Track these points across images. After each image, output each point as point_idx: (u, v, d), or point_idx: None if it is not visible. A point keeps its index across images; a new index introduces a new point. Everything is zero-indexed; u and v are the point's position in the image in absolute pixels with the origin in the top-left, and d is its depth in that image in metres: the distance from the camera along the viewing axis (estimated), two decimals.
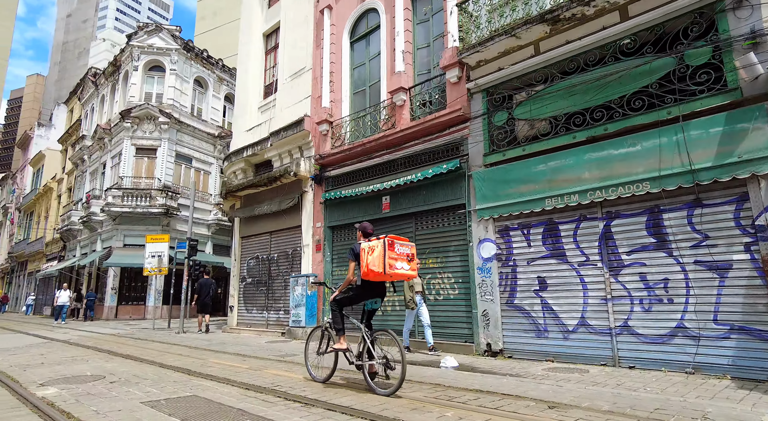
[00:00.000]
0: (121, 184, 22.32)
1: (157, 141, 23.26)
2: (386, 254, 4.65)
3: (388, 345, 4.87)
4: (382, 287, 5.12)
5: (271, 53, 14.60)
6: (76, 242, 26.90)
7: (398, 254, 4.78)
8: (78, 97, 32.11)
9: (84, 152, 27.83)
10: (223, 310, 25.49)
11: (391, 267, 4.65)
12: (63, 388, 4.82)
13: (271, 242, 12.72)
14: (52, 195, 33.44)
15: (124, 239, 22.40)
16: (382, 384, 4.69)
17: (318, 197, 11.22)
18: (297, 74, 12.48)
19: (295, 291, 10.69)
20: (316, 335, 5.68)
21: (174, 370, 6.04)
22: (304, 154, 11.83)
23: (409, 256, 4.91)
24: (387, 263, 4.62)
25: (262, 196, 12.92)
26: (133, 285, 22.89)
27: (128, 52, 24.35)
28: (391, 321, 9.16)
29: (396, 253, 4.76)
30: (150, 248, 15.15)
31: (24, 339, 11.26)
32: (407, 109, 9.43)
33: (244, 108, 14.55)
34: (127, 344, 9.74)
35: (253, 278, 13.08)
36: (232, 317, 13.37)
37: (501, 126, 7.84)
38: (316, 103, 11.66)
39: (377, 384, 4.67)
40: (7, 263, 42.18)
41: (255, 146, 13.15)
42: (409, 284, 7.75)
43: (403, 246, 4.88)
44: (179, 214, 23.06)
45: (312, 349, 5.59)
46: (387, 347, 4.87)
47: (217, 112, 26.76)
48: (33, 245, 34.63)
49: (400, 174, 9.34)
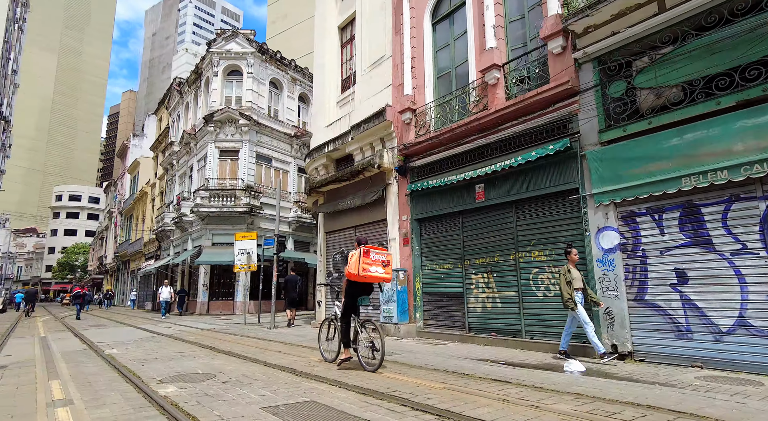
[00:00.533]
0: (207, 185, 23.51)
1: (238, 143, 24.21)
2: (361, 260, 5.76)
3: (374, 332, 5.90)
4: (369, 286, 6.25)
5: (347, 46, 14.39)
6: (170, 241, 28.89)
7: (373, 260, 5.87)
8: (165, 107, 34.48)
9: (173, 157, 29.78)
10: (306, 304, 26.18)
11: (365, 270, 5.74)
12: (181, 386, 4.76)
13: (355, 236, 12.50)
14: (147, 199, 36.30)
15: (212, 237, 23.61)
16: (369, 363, 5.79)
17: (403, 189, 10.79)
18: (376, 64, 12.11)
19: (384, 286, 10.36)
20: (325, 325, 6.89)
21: (280, 369, 5.87)
22: (386, 145, 11.45)
23: (384, 262, 5.98)
24: (361, 266, 5.72)
25: (345, 190, 12.76)
26: (222, 281, 24.08)
27: (208, 58, 25.55)
28: (492, 320, 8.50)
29: (371, 259, 5.84)
30: (239, 246, 15.65)
31: (135, 333, 12.00)
32: (501, 87, 8.67)
33: (322, 104, 14.49)
34: (226, 340, 9.96)
35: (339, 272, 12.98)
36: (321, 313, 13.39)
37: (619, 98, 6.86)
38: (398, 91, 11.21)
39: (366, 363, 5.81)
40: (114, 262, 46.66)
41: (335, 141, 13.01)
42: (566, 279, 6.32)
43: (378, 254, 5.98)
44: (262, 212, 23.88)
45: (323, 336, 6.82)
46: (373, 333, 5.93)
47: (292, 112, 27.36)
48: (133, 245, 37.89)
49: (495, 159, 8.62)
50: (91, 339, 10.16)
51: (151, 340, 10.05)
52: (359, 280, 5.89)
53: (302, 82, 28.00)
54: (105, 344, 9.14)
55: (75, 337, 11.05)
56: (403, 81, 10.97)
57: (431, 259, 10.04)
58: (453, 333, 9.15)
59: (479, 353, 7.33)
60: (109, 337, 10.87)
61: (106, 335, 11.32)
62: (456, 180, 9.06)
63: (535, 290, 7.83)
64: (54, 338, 10.76)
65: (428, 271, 10.07)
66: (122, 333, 12.01)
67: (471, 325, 8.93)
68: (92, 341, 9.89)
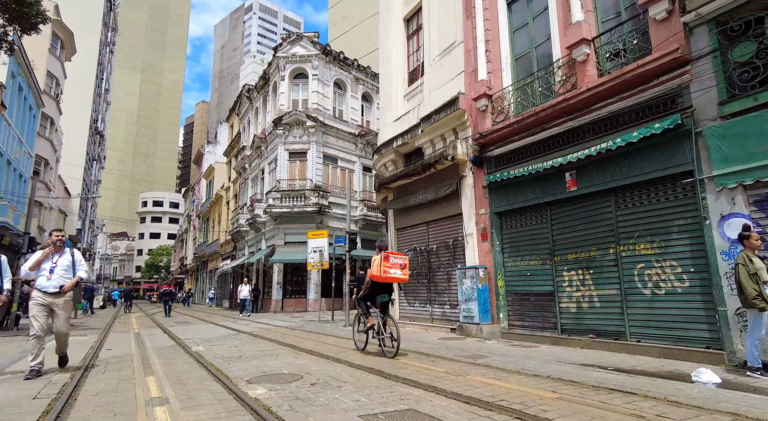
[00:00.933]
0: (278, 187, 24.16)
1: (306, 144, 24.66)
2: (382, 264, 6.81)
3: (393, 326, 6.91)
4: (389, 286, 7.31)
5: (413, 37, 13.99)
6: (244, 242, 30.12)
7: (392, 263, 6.92)
8: (236, 113, 36.07)
9: (245, 161, 31.03)
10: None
11: (385, 272, 6.81)
12: (270, 388, 4.60)
13: (428, 232, 12.08)
14: (222, 202, 38.21)
15: (284, 237, 24.24)
16: (389, 351, 6.83)
17: (479, 181, 10.18)
18: (446, 52, 11.58)
19: (463, 284, 9.83)
20: (357, 320, 7.99)
21: (367, 371, 5.58)
22: (459, 136, 10.89)
23: (402, 265, 7.04)
24: (382, 269, 6.80)
25: (416, 185, 12.36)
26: (295, 279, 24.67)
27: (275, 63, 26.28)
28: (589, 321, 7.70)
29: (390, 263, 6.90)
30: (312, 244, 15.79)
31: (217, 330, 12.40)
32: (592, 63, 7.83)
33: (389, 98, 14.19)
34: (305, 338, 9.93)
35: (413, 270, 12.59)
36: (393, 310, 13.08)
37: (746, 62, 5.85)
38: (471, 78, 10.62)
39: (387, 351, 6.87)
40: (193, 262, 49.77)
41: (404, 135, 12.64)
42: (748, 271, 5.06)
43: (396, 258, 7.05)
44: (330, 211, 24.15)
45: (355, 329, 7.95)
46: (392, 327, 6.93)
47: (356, 111, 27.45)
48: (210, 246, 40.08)
49: (587, 143, 7.79)
50: (178, 336, 10.56)
51: (233, 337, 10.26)
52: (380, 280, 6.94)
53: (365, 81, 28.01)
54: (191, 341, 9.42)
55: (164, 333, 11.58)
56: (476, 66, 10.36)
57: (514, 255, 9.35)
58: (543, 335, 8.43)
59: (578, 357, 6.61)
60: (193, 334, 11.27)
61: (191, 332, 11.77)
62: (541, 168, 8.33)
63: (642, 287, 6.94)
64: (146, 334, 11.34)
65: (511, 268, 9.39)
66: (205, 330, 12.45)
67: (564, 326, 8.16)
68: (179, 337, 10.27)
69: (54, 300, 5.56)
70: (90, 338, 10.54)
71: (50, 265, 5.67)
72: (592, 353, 6.96)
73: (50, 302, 5.54)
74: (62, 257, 5.78)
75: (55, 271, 5.63)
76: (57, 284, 5.57)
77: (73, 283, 5.72)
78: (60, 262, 5.73)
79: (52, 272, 5.61)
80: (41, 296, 5.51)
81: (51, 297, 5.54)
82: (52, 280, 5.58)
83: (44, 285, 5.55)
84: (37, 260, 5.66)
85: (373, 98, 28.59)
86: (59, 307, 5.58)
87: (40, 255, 5.72)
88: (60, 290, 5.57)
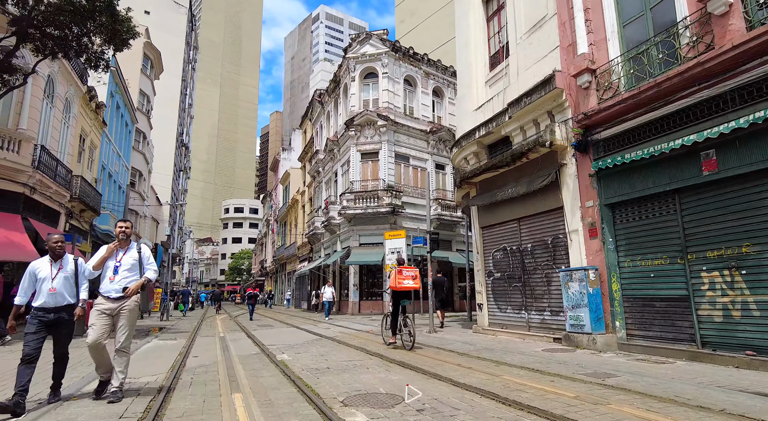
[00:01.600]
0: (352, 188, 23.95)
1: (377, 144, 24.24)
2: (396, 277, 8.69)
3: (410, 326, 8.48)
4: (407, 293, 8.87)
5: (493, 18, 12.87)
6: (320, 244, 30.39)
7: (405, 275, 8.71)
8: (309, 119, 36.71)
9: (319, 165, 31.36)
10: (453, 305, 25.07)
11: (400, 283, 8.63)
12: (370, 415, 3.90)
13: (520, 229, 10.90)
14: (298, 206, 39.11)
15: (359, 238, 23.97)
16: (407, 344, 8.40)
17: (584, 169, 8.88)
18: (536, 27, 10.38)
19: (569, 288, 8.59)
20: (385, 319, 9.68)
21: (476, 392, 4.71)
22: (555, 119, 9.65)
23: (413, 276, 8.77)
24: (397, 280, 8.65)
25: (503, 178, 11.23)
26: (370, 281, 24.31)
27: (345, 65, 26.18)
28: (744, 333, 6.20)
29: (403, 275, 8.70)
30: (389, 245, 15.19)
31: (299, 335, 12.13)
32: (737, 15, 6.34)
33: (469, 86, 13.17)
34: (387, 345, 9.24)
35: (502, 272, 11.49)
36: (482, 316, 12.04)
37: None
38: (568, 53, 9.34)
39: (405, 343, 8.47)
40: (272, 265, 51.65)
41: (488, 124, 11.58)
42: None
43: (408, 271, 8.78)
44: (404, 211, 23.52)
45: (383, 327, 9.79)
46: (410, 326, 8.47)
47: (427, 107, 26.60)
48: (288, 249, 41.19)
49: (730, 114, 6.31)
50: (262, 341, 10.35)
51: (316, 343, 9.83)
52: (398, 289, 8.67)
53: (435, 75, 27.08)
54: (275, 348, 9.10)
55: (248, 338, 11.49)
56: (574, 40, 9.09)
57: (633, 253, 7.97)
58: (675, 348, 7.01)
59: (741, 379, 5.23)
60: (277, 339, 11.04)
61: (274, 337, 11.58)
62: (668, 149, 6.94)
63: None
64: (231, 339, 11.30)
65: (629, 268, 8.01)
66: (287, 335, 12.23)
67: (705, 338, 6.70)
68: (263, 343, 10.04)
69: (117, 305, 4.68)
70: (179, 342, 10.65)
71: (114, 263, 4.81)
72: (756, 376, 5.52)
73: (113, 309, 4.66)
74: (127, 254, 4.89)
75: (120, 271, 4.78)
76: (120, 287, 4.72)
77: (139, 285, 4.80)
78: (125, 260, 4.84)
79: (116, 272, 4.77)
80: (103, 303, 4.66)
81: (114, 302, 4.68)
82: (116, 281, 4.73)
83: (107, 289, 4.70)
84: (102, 257, 4.78)
85: (445, 93, 27.56)
86: (122, 315, 4.67)
87: (104, 252, 4.83)
88: (123, 294, 4.70)
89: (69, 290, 4.66)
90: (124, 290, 4.71)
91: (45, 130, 16.12)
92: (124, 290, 4.71)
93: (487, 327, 11.79)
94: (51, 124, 16.54)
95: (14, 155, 13.82)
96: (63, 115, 17.76)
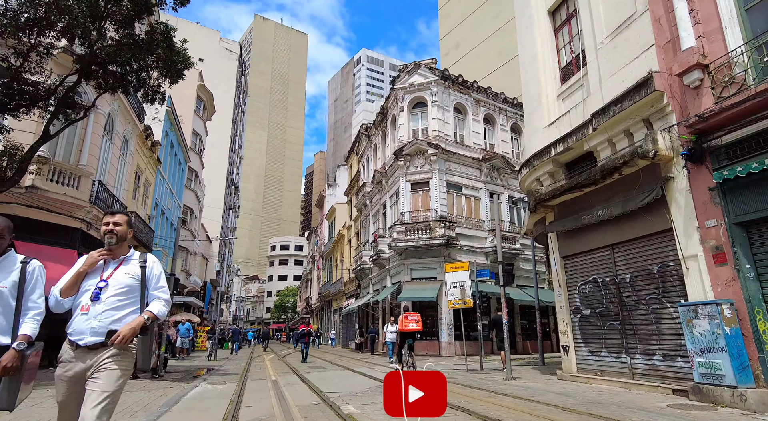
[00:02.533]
0: (402, 219, 22.93)
1: (428, 174, 23.30)
2: (402, 321, 11.63)
3: (413, 360, 11.40)
4: (411, 334, 11.58)
5: (562, 29, 11.87)
6: (368, 279, 29.23)
7: (410, 320, 11.60)
8: (355, 153, 36.58)
9: (366, 198, 30.73)
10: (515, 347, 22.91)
11: (406, 326, 11.48)
12: None
13: (614, 257, 9.35)
14: (344, 241, 38.42)
15: (411, 272, 22.66)
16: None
17: (700, 181, 7.41)
18: (621, 28, 9.24)
19: (694, 328, 6.94)
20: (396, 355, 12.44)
21: None
22: (654, 126, 8.30)
23: (416, 320, 11.67)
24: (403, 324, 11.56)
25: (589, 199, 9.83)
26: (425, 319, 22.70)
27: (393, 96, 25.83)
28: None
29: (408, 319, 11.60)
30: (450, 278, 13.85)
31: (356, 379, 10.87)
32: None
33: (538, 101, 12.05)
34: (465, 395, 7.83)
35: (592, 308, 9.86)
36: (569, 361, 10.34)
37: None
38: (666, 50, 8.10)
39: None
40: (318, 302, 50.78)
41: (566, 140, 10.33)
42: None
43: (412, 315, 11.76)
44: (458, 243, 22.14)
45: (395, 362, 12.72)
46: (413, 361, 11.40)
47: (478, 135, 25.59)
48: (335, 285, 40.25)
49: None
50: (319, 387, 9.15)
51: (379, 391, 8.53)
52: (404, 331, 11.46)
53: (486, 102, 26.20)
54: (336, 396, 7.89)
55: (302, 382, 10.35)
56: (675, 34, 7.86)
57: None
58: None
59: None
60: (335, 385, 9.82)
61: (331, 382, 10.37)
62: None
63: None
64: (284, 383, 10.20)
65: None
66: (345, 380, 10.99)
67: None
68: (321, 389, 8.85)
69: (92, 361, 2.64)
70: (228, 386, 9.63)
71: (96, 283, 2.80)
72: None
73: (84, 370, 2.64)
74: (121, 270, 2.90)
75: (103, 297, 2.75)
76: (102, 325, 2.68)
77: (138, 325, 2.71)
78: (116, 278, 2.85)
79: (98, 298, 2.74)
80: (69, 358, 2.68)
81: (87, 354, 2.66)
82: (94, 315, 2.69)
83: (78, 328, 2.69)
84: (77, 272, 2.83)
85: (496, 120, 26.54)
86: (99, 376, 2.60)
87: (81, 265, 2.87)
88: (104, 341, 2.66)
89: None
90: (109, 334, 2.67)
91: (103, 167, 16.31)
92: (110, 335, 2.66)
93: (576, 373, 10.05)
94: (109, 161, 16.76)
95: (74, 191, 13.84)
96: (120, 152, 18.07)
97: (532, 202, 11.35)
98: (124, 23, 11.55)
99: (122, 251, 2.99)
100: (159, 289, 2.97)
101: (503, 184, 25.33)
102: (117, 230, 2.93)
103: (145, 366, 2.84)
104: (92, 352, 2.66)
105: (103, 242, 2.93)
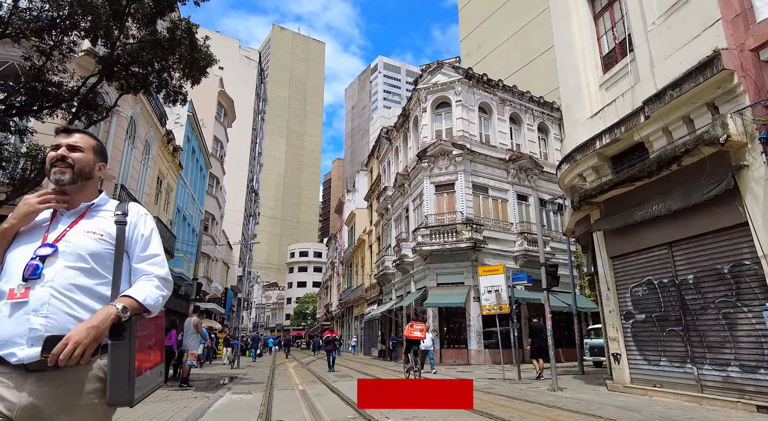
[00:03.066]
0: (426, 222, 22.22)
1: (453, 175, 22.58)
2: (408, 329, 12.81)
3: (420, 366, 12.61)
4: (416, 341, 12.63)
5: (603, 14, 11.13)
6: (391, 285, 28.52)
7: (415, 328, 12.68)
8: (375, 156, 36.07)
9: (387, 202, 30.11)
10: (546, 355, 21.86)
11: (411, 334, 12.58)
12: None
13: (673, 256, 8.49)
14: (364, 246, 37.83)
15: (436, 277, 21.88)
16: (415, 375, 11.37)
17: None
18: (677, 5, 8.44)
19: None
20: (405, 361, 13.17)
21: None
22: (721, 110, 7.49)
23: (421, 329, 12.77)
24: (408, 332, 12.72)
25: (641, 193, 9.00)
26: (451, 326, 21.90)
27: (415, 97, 25.27)
28: None
29: (414, 328, 12.69)
30: (484, 282, 13.08)
31: None
32: None
33: (577, 92, 11.29)
34: (508, 407, 7.10)
35: (647, 313, 8.99)
36: (621, 370, 9.46)
37: None
38: (734, 25, 7.30)
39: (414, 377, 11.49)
40: (338, 308, 50.20)
41: (613, 131, 9.54)
42: None
43: (417, 325, 12.89)
44: (485, 247, 21.28)
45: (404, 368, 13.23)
46: (419, 367, 12.56)
47: (504, 135, 24.80)
48: (355, 291, 39.62)
49: None
50: (351, 398, 8.49)
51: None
52: (409, 338, 12.62)
53: (512, 102, 25.42)
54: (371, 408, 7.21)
55: (331, 392, 9.72)
56: (747, 5, 7.08)
57: None
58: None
59: None
60: None
61: None
62: None
63: None
64: (313, 393, 9.58)
65: None
66: None
67: None
68: (352, 400, 8.19)
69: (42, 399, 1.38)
70: (255, 397, 9.03)
71: (32, 251, 1.52)
72: None
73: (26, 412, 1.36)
74: (78, 229, 1.60)
75: (48, 272, 1.47)
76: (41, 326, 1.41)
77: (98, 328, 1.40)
78: (70, 243, 1.55)
79: (36, 275, 1.46)
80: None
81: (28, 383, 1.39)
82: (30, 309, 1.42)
83: (4, 334, 1.40)
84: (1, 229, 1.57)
85: (523, 119, 25.72)
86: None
87: (12, 216, 1.58)
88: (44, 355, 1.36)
89: None
90: (49, 341, 1.37)
91: (125, 170, 16.11)
92: (50, 344, 1.36)
93: (630, 384, 9.17)
94: (131, 165, 16.56)
95: None
96: (143, 156, 17.88)
97: (576, 199, 10.55)
98: (146, 21, 11.26)
99: (85, 195, 1.69)
100: (149, 260, 1.69)
101: (531, 185, 24.40)
102: (74, 158, 1.63)
103: (119, 398, 1.44)
104: (37, 378, 1.40)
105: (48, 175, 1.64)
